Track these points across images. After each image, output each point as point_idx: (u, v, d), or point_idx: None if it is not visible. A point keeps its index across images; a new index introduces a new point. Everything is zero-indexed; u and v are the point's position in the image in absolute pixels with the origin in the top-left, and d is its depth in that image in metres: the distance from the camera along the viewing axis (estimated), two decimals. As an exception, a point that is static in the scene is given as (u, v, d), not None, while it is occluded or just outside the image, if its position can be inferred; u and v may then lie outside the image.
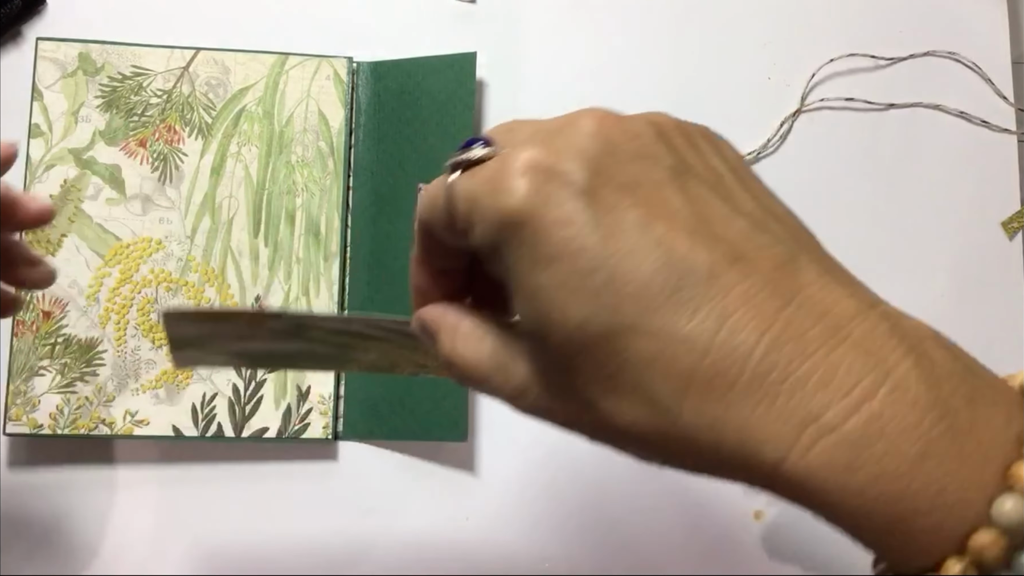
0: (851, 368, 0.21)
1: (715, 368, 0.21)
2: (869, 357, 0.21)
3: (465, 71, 0.45)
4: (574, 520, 0.44)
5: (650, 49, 0.47)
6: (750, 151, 0.47)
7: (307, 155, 0.44)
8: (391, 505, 0.44)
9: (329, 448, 0.44)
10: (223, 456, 0.43)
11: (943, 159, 0.48)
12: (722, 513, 0.44)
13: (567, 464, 0.44)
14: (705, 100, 0.47)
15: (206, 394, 0.43)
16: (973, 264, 0.47)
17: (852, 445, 0.20)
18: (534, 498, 0.44)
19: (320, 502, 0.43)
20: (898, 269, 0.47)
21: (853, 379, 0.21)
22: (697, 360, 0.22)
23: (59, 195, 0.43)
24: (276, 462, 0.43)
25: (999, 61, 0.48)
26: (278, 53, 0.45)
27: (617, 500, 0.44)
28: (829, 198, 0.47)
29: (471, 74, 0.45)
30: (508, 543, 0.44)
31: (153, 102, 0.44)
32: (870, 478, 0.20)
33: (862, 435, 0.20)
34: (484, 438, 0.44)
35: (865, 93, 0.47)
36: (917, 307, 0.49)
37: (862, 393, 0.21)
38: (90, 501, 0.42)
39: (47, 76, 0.44)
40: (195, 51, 0.44)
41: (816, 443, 0.21)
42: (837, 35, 0.48)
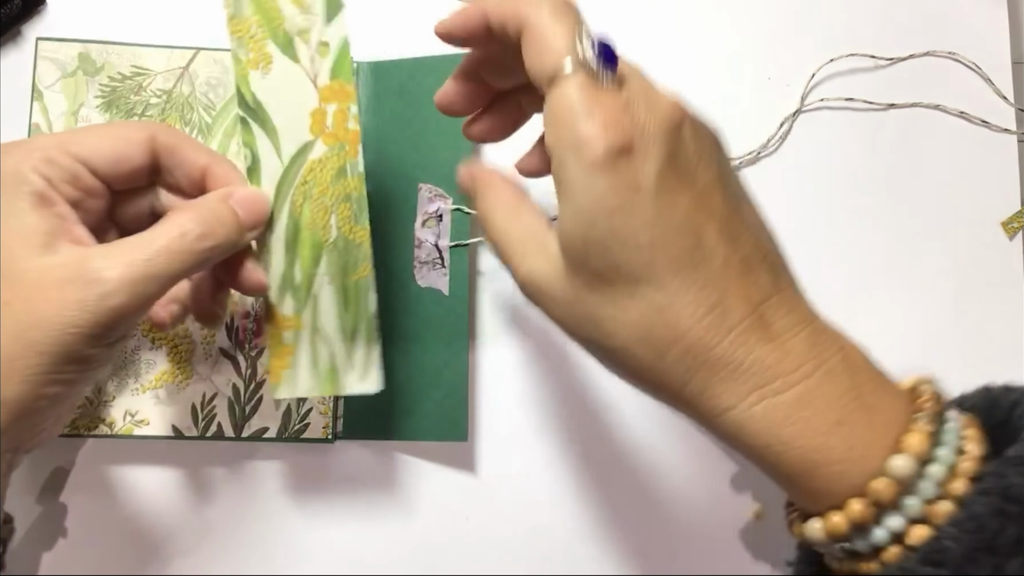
0: (799, 355, 0.29)
1: (703, 331, 0.28)
2: (812, 348, 0.29)
3: None
4: (574, 520, 0.44)
5: (650, 49, 0.47)
6: (750, 151, 0.47)
7: (307, 155, 0.44)
8: (391, 505, 0.44)
9: (329, 448, 0.44)
10: (223, 456, 0.43)
11: (943, 159, 0.48)
12: (722, 514, 0.44)
13: (567, 464, 0.44)
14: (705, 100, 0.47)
15: (206, 394, 0.43)
16: (973, 264, 0.47)
17: (788, 407, 0.28)
18: (534, 498, 0.44)
19: (320, 502, 0.43)
20: (898, 269, 0.47)
21: (799, 362, 0.28)
22: (694, 322, 0.28)
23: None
24: (276, 462, 0.44)
25: (999, 61, 0.48)
26: (278, 53, 0.44)
27: (617, 501, 0.44)
28: (829, 198, 0.47)
29: None
30: (508, 543, 0.44)
31: (153, 102, 0.44)
32: (797, 432, 0.28)
33: (796, 401, 0.28)
34: (484, 438, 0.44)
35: (865, 93, 0.48)
36: (917, 307, 0.49)
37: (802, 374, 0.28)
38: (90, 501, 0.43)
39: (47, 76, 0.44)
40: (195, 51, 0.44)
41: (760, 402, 0.28)
42: (837, 35, 0.48)
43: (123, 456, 0.43)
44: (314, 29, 0.35)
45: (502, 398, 0.44)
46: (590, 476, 0.44)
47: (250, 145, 0.36)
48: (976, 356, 0.46)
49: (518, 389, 0.45)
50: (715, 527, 0.44)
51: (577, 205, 0.29)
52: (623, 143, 0.28)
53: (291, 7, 0.35)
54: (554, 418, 0.45)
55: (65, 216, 0.32)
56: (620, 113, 0.28)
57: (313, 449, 0.44)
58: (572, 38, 0.29)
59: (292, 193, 0.36)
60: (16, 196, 0.31)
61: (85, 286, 0.30)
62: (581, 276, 0.30)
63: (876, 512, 0.27)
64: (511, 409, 0.45)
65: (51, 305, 0.30)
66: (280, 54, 0.35)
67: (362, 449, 0.44)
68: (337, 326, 0.37)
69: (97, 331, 0.30)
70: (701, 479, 0.44)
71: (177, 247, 0.32)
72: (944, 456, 0.28)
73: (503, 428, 0.44)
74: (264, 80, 0.35)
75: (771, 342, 0.29)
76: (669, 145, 0.29)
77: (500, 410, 0.45)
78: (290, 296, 0.36)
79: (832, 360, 0.29)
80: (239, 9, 0.35)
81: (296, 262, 0.36)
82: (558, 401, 0.45)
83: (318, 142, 0.36)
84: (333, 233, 0.36)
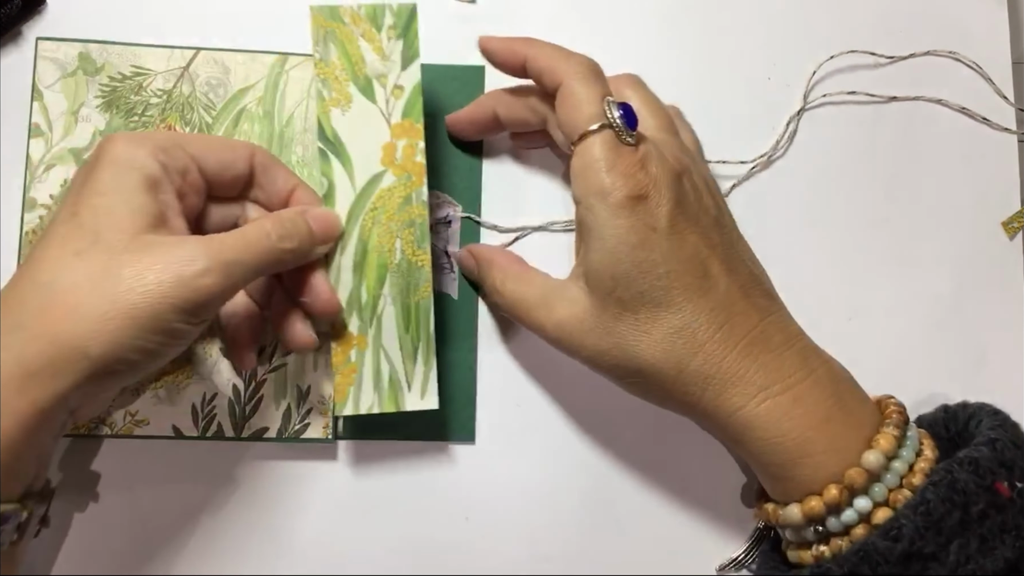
0: (793, 364, 0.36)
1: (716, 345, 0.35)
2: (804, 361, 0.36)
3: (471, 84, 0.45)
4: (575, 520, 0.44)
5: (650, 50, 0.47)
6: (761, 154, 0.47)
7: (307, 155, 0.44)
8: (391, 505, 0.44)
9: (329, 448, 0.44)
10: (223, 456, 0.43)
11: (944, 157, 0.48)
12: (723, 515, 0.44)
13: (568, 464, 0.44)
14: (705, 101, 0.47)
15: (206, 394, 0.43)
16: (973, 264, 0.47)
17: (786, 405, 0.35)
18: (534, 498, 0.44)
19: (320, 502, 0.43)
20: (897, 269, 0.47)
21: (793, 370, 0.36)
22: (707, 337, 0.35)
23: (60, 195, 0.43)
24: (276, 462, 0.44)
25: (999, 61, 0.48)
26: (278, 53, 0.45)
27: (618, 501, 0.44)
28: (830, 197, 0.47)
29: (479, 88, 0.45)
30: (508, 543, 0.44)
31: (153, 102, 0.44)
32: (793, 425, 0.35)
33: (793, 401, 0.35)
34: (485, 438, 0.44)
35: (866, 90, 0.48)
36: (917, 307, 0.50)
37: (796, 379, 0.35)
38: (90, 501, 0.43)
39: (47, 76, 0.44)
40: (195, 51, 0.44)
41: (764, 402, 0.35)
42: (836, 35, 0.48)
43: (123, 456, 0.43)
44: (391, 74, 0.40)
45: (502, 398, 0.45)
46: (590, 476, 0.44)
47: (327, 174, 0.40)
48: (976, 356, 0.46)
49: (518, 389, 0.45)
50: (716, 529, 0.44)
51: (604, 244, 0.35)
52: (640, 191, 0.35)
53: (372, 55, 0.40)
54: (554, 418, 0.45)
55: (169, 204, 0.35)
56: (637, 168, 0.35)
57: (313, 449, 0.44)
58: (601, 102, 0.36)
59: (362, 218, 0.40)
60: (129, 175, 0.34)
61: (185, 263, 0.33)
62: (609, 309, 0.36)
63: (849, 496, 0.34)
64: (511, 409, 0.45)
65: (151, 275, 0.32)
66: (359, 94, 0.40)
67: (362, 449, 0.44)
68: (398, 345, 0.40)
69: (188, 306, 0.33)
70: (701, 479, 0.45)
71: (262, 244, 0.35)
72: (906, 455, 0.35)
73: (503, 428, 0.44)
74: (343, 117, 0.40)
75: (771, 353, 0.36)
76: (676, 192, 0.35)
77: (500, 410, 0.45)
78: (356, 315, 0.40)
79: (819, 370, 0.36)
80: (327, 55, 0.40)
81: (363, 283, 0.40)
82: (558, 401, 0.45)
83: (387, 173, 0.40)
84: (398, 256, 0.40)
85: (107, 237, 0.33)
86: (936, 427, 0.39)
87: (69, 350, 0.31)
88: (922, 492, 0.33)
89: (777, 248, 0.45)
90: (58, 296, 0.32)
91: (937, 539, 0.32)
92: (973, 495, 0.32)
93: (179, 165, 0.36)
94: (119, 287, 0.32)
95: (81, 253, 0.33)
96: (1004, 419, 0.36)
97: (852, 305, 0.46)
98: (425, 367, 0.40)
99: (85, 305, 0.32)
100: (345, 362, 0.40)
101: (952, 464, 0.33)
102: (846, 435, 0.35)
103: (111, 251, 0.33)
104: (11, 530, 0.34)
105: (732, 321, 0.35)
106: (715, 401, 0.35)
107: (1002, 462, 0.33)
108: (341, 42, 0.40)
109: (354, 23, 0.40)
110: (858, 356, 0.41)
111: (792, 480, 0.35)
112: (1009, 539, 0.32)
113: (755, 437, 0.35)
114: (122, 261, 0.32)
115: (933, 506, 0.32)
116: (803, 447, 0.35)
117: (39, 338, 0.31)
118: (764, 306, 0.37)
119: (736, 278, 0.36)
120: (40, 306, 0.32)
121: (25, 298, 0.32)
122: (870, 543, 0.32)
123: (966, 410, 0.38)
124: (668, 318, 0.35)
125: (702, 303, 0.35)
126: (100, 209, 0.33)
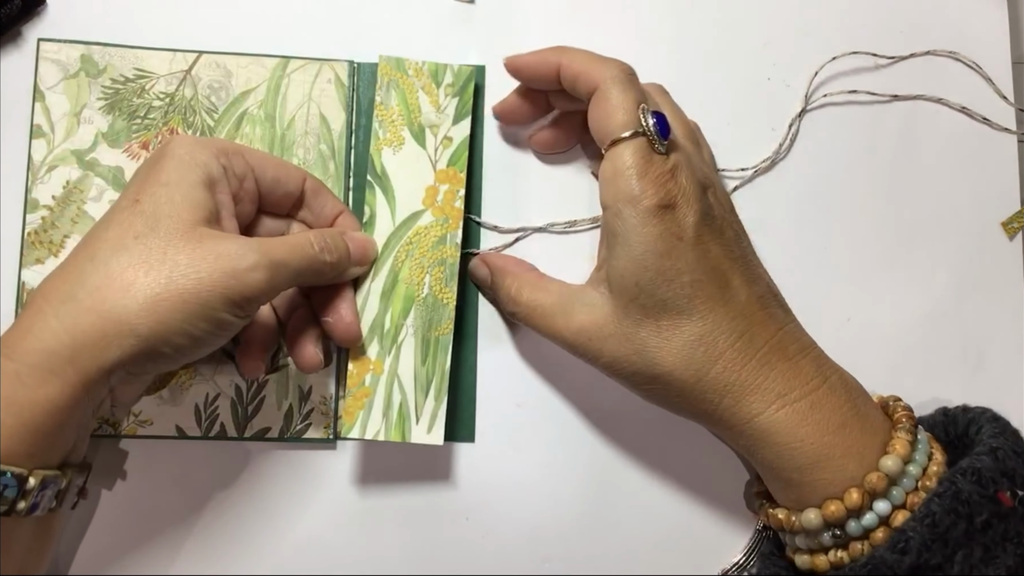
0: (808, 373, 0.37)
1: (736, 353, 0.36)
2: (818, 369, 0.37)
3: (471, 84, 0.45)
4: (575, 520, 0.44)
5: (650, 50, 0.47)
6: (764, 158, 0.47)
7: (308, 157, 0.44)
8: (391, 505, 0.44)
9: (330, 448, 0.44)
10: (226, 456, 0.44)
11: (944, 157, 0.48)
12: (723, 515, 0.45)
13: (567, 464, 0.45)
14: (705, 101, 0.47)
15: (209, 395, 0.43)
16: (973, 264, 0.47)
17: (804, 412, 0.36)
18: (534, 498, 0.44)
19: (321, 502, 0.44)
20: (897, 269, 0.47)
21: (808, 378, 0.36)
22: (728, 346, 0.36)
23: (62, 196, 0.43)
24: (278, 462, 0.44)
25: (999, 61, 0.48)
26: (280, 56, 0.45)
27: (618, 501, 0.44)
28: (831, 198, 0.47)
29: (479, 88, 0.45)
30: (508, 543, 0.44)
31: (156, 105, 0.44)
32: (810, 431, 0.35)
33: (810, 407, 0.36)
34: (485, 438, 0.45)
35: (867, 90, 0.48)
36: (917, 307, 0.50)
37: (812, 386, 0.36)
38: (92, 500, 0.43)
39: (49, 77, 0.44)
40: (197, 54, 0.44)
41: (781, 408, 0.36)
42: (836, 36, 0.48)
43: (127, 456, 0.43)
44: (443, 126, 0.43)
45: (502, 398, 0.45)
46: (590, 476, 0.44)
47: (370, 204, 0.42)
48: (976, 356, 0.47)
49: (518, 389, 0.45)
50: (717, 530, 0.44)
51: (631, 249, 0.35)
52: (670, 200, 0.35)
53: (428, 106, 0.43)
54: (554, 418, 0.45)
55: (224, 204, 0.37)
56: (668, 176, 0.35)
57: (314, 449, 0.44)
58: (636, 109, 0.36)
59: (397, 250, 0.42)
60: (192, 170, 0.36)
61: (237, 257, 0.35)
62: (631, 315, 0.36)
63: (869, 500, 0.35)
64: (511, 409, 0.45)
65: (205, 265, 0.34)
66: (411, 139, 0.43)
67: (362, 449, 0.44)
68: (413, 376, 0.41)
69: (236, 298, 0.35)
70: (702, 479, 0.45)
71: (306, 251, 0.37)
72: (920, 459, 0.35)
73: (503, 428, 0.45)
74: (394, 157, 0.43)
75: (787, 361, 0.36)
76: (702, 204, 0.36)
77: (500, 410, 0.45)
78: (377, 341, 0.41)
79: (833, 378, 0.37)
80: (387, 100, 0.43)
81: (389, 311, 0.42)
82: (558, 401, 0.45)
83: (427, 212, 0.43)
84: (425, 291, 0.42)
85: (166, 224, 0.35)
86: (936, 430, 0.39)
87: (120, 325, 0.33)
88: (927, 504, 0.33)
89: (777, 248, 0.46)
90: (114, 274, 0.33)
91: (943, 550, 0.32)
92: (977, 505, 0.33)
93: (238, 171, 0.38)
94: (173, 272, 0.34)
95: (140, 237, 0.34)
96: (1004, 426, 0.37)
97: (852, 305, 0.46)
98: (436, 402, 0.41)
99: (139, 285, 0.33)
100: (359, 384, 0.41)
101: (955, 475, 0.34)
102: (863, 440, 0.35)
103: (169, 238, 0.34)
104: (51, 496, 0.35)
105: (752, 331, 0.36)
106: (732, 408, 0.36)
107: (1004, 471, 0.34)
108: (402, 91, 0.43)
109: (416, 76, 0.43)
110: (859, 356, 0.41)
111: (809, 485, 0.36)
112: (1011, 547, 0.33)
113: (772, 443, 0.36)
114: (178, 248, 0.34)
115: (939, 518, 0.32)
116: (821, 451, 0.35)
117: (91, 311, 0.33)
118: (780, 317, 0.38)
119: (755, 289, 0.37)
120: (96, 283, 0.33)
121: (83, 273, 0.34)
122: (878, 556, 0.33)
123: (966, 414, 0.38)
124: (690, 326, 0.36)
125: (723, 312, 0.36)
126: (161, 198, 0.35)
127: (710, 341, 0.36)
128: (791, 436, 0.35)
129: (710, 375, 0.36)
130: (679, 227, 0.35)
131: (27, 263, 0.43)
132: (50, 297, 0.34)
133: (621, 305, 0.36)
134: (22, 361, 0.32)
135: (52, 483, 0.35)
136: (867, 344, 0.46)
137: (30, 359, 0.32)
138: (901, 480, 0.35)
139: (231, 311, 0.35)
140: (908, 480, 0.35)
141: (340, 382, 0.44)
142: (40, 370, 0.32)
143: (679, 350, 0.36)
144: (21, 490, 0.33)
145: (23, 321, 0.33)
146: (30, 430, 0.32)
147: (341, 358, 0.44)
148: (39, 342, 0.33)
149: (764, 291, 0.38)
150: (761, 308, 0.37)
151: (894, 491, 0.34)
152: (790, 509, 0.37)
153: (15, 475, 0.32)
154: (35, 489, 0.33)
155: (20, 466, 0.33)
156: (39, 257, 0.43)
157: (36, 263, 0.43)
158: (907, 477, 0.35)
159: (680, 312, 0.36)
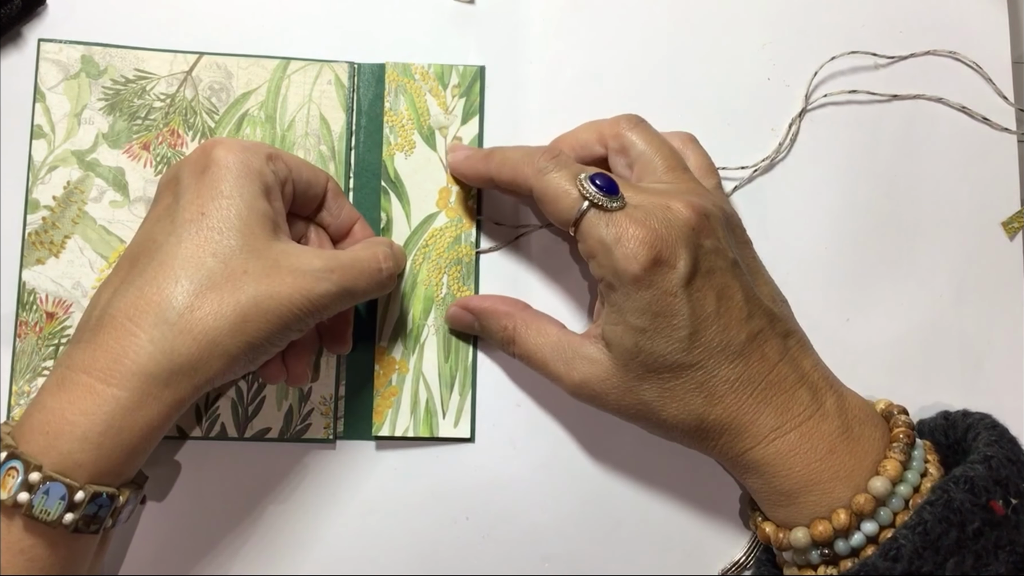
0: (802, 401, 0.37)
1: (735, 396, 0.36)
2: (814, 396, 0.37)
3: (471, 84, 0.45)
4: (574, 520, 0.44)
5: (650, 50, 0.47)
6: (764, 156, 0.47)
7: (309, 158, 0.44)
8: (391, 505, 0.44)
9: (330, 448, 0.44)
10: (226, 456, 0.44)
11: (944, 157, 0.48)
12: (723, 515, 0.45)
13: (568, 464, 0.45)
14: (705, 101, 0.47)
15: (209, 395, 0.43)
16: (973, 264, 0.47)
17: (793, 442, 0.36)
18: (534, 498, 0.44)
19: (320, 502, 0.44)
20: (897, 269, 0.47)
21: (802, 408, 0.37)
22: (727, 390, 0.36)
23: (62, 196, 0.43)
24: (278, 462, 0.44)
25: (999, 61, 0.48)
26: (280, 58, 0.45)
27: (618, 501, 0.44)
28: (830, 198, 0.47)
29: (479, 88, 0.45)
30: (508, 543, 0.44)
31: (156, 106, 0.44)
32: (799, 460, 0.36)
33: (799, 438, 0.36)
34: (484, 438, 0.45)
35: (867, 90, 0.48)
36: (917, 307, 0.49)
37: (803, 417, 0.37)
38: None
39: (49, 78, 0.44)
40: (198, 55, 0.44)
41: (774, 440, 0.36)
42: (836, 36, 0.48)
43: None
44: (452, 127, 0.44)
45: (502, 398, 0.45)
46: (590, 475, 0.44)
47: (386, 210, 0.44)
48: (976, 356, 0.47)
49: (518, 389, 0.45)
50: (717, 529, 0.45)
51: (626, 316, 0.36)
52: (653, 258, 0.35)
53: (437, 108, 0.44)
54: (554, 418, 0.45)
55: (280, 211, 0.38)
56: (643, 232, 0.35)
57: (314, 449, 0.44)
58: (576, 187, 0.37)
59: (415, 253, 0.43)
60: (250, 181, 0.36)
61: (315, 280, 0.35)
62: (632, 372, 0.37)
63: (857, 521, 0.35)
64: (511, 409, 0.45)
65: (284, 285, 0.35)
66: (422, 142, 0.44)
67: (362, 449, 0.44)
68: (437, 373, 0.43)
69: (308, 317, 0.36)
70: (702, 479, 0.45)
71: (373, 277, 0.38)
72: (911, 478, 0.36)
73: (503, 428, 0.45)
74: (406, 161, 0.44)
75: (784, 394, 0.37)
76: (691, 250, 0.35)
77: (500, 410, 0.45)
78: (401, 342, 0.43)
79: (828, 403, 0.37)
80: (396, 105, 0.44)
81: (410, 312, 0.43)
82: (558, 401, 0.45)
83: (441, 214, 0.44)
84: (444, 290, 0.43)
85: (240, 241, 0.35)
86: (936, 434, 0.40)
87: (214, 347, 0.34)
88: (919, 512, 0.33)
89: (777, 248, 0.46)
90: (202, 294, 0.34)
91: (935, 558, 0.33)
92: (969, 514, 0.33)
93: (281, 175, 0.38)
94: (257, 292, 0.34)
95: (218, 255, 0.35)
96: (1001, 433, 0.37)
97: (851, 305, 0.46)
98: (461, 397, 0.43)
99: (227, 305, 0.34)
100: (386, 384, 0.43)
101: (948, 483, 0.34)
102: (852, 463, 0.36)
103: (247, 256, 0.35)
104: (131, 509, 0.36)
105: (749, 371, 0.36)
106: (728, 445, 0.37)
107: (997, 480, 0.34)
108: (410, 95, 0.44)
109: (423, 80, 0.44)
110: (858, 356, 0.41)
111: (796, 507, 0.36)
112: (1003, 555, 0.33)
113: (761, 472, 0.37)
114: (257, 266, 0.35)
115: (930, 526, 0.33)
116: (808, 478, 0.36)
117: (185, 334, 0.33)
118: (780, 347, 0.37)
119: (755, 324, 0.37)
120: (185, 304, 0.34)
121: (168, 295, 0.34)
122: (870, 563, 0.33)
123: (965, 420, 0.39)
124: (690, 374, 0.36)
125: (721, 357, 0.36)
126: (229, 211, 0.35)
127: (710, 388, 0.36)
128: (780, 467, 0.36)
129: (710, 418, 0.36)
130: (669, 283, 0.35)
131: (27, 263, 0.43)
132: (136, 318, 0.34)
133: (622, 363, 0.37)
134: (122, 386, 0.33)
135: (133, 498, 0.36)
136: (866, 344, 0.46)
137: (130, 383, 0.33)
138: (890, 501, 0.35)
139: (300, 326, 0.36)
140: (897, 500, 0.35)
141: (339, 383, 0.44)
142: (140, 394, 0.33)
143: (681, 399, 0.37)
144: (113, 508, 0.34)
145: (109, 342, 0.33)
146: (127, 452, 0.33)
147: (341, 360, 0.44)
148: (137, 366, 0.33)
149: (763, 325, 0.37)
150: (759, 345, 0.37)
151: (882, 512, 0.35)
152: (779, 525, 0.38)
153: (109, 495, 0.34)
154: (123, 506, 0.35)
155: (110, 485, 0.34)
156: (40, 258, 0.43)
157: (37, 263, 0.43)
158: (896, 497, 0.35)
159: (680, 363, 0.36)
